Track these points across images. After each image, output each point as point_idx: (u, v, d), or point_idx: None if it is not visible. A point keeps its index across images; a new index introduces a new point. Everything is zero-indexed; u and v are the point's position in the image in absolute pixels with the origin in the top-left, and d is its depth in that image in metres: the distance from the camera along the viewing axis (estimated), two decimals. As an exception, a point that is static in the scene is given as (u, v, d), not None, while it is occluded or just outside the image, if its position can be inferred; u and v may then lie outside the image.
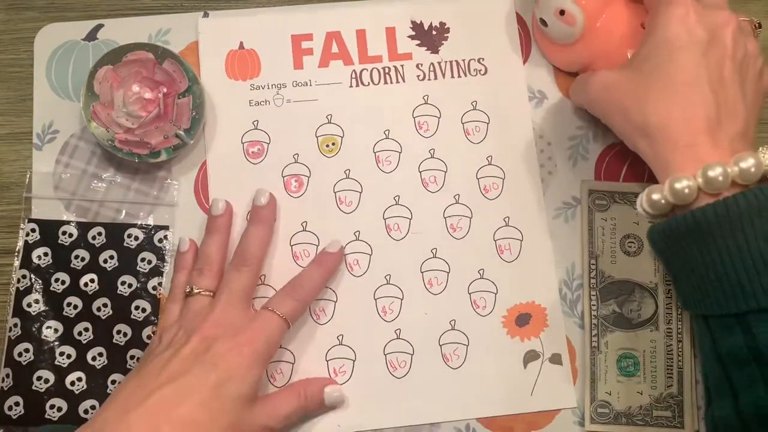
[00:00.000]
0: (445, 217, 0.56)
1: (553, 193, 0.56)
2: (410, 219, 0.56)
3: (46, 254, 0.54)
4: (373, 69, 0.58)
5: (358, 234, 0.55)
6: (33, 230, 0.54)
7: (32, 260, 0.54)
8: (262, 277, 0.54)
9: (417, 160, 0.57)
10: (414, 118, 0.58)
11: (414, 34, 0.59)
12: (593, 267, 0.55)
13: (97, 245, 0.54)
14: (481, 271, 0.55)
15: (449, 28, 0.59)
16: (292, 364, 0.53)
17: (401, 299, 0.54)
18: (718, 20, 0.47)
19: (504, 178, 0.56)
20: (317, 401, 0.51)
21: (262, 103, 0.57)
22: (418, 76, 0.58)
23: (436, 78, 0.58)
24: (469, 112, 0.58)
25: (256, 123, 0.57)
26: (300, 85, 0.58)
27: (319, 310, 0.54)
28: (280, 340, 0.50)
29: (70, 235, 0.54)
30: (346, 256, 0.55)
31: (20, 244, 0.54)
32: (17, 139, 0.57)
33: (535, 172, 0.57)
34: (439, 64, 0.59)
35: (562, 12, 0.53)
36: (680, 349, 0.53)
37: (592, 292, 0.54)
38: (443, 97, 0.58)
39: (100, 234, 0.55)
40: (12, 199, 0.56)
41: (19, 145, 0.57)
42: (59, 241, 0.54)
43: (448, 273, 0.55)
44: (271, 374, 0.53)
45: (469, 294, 0.54)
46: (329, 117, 0.57)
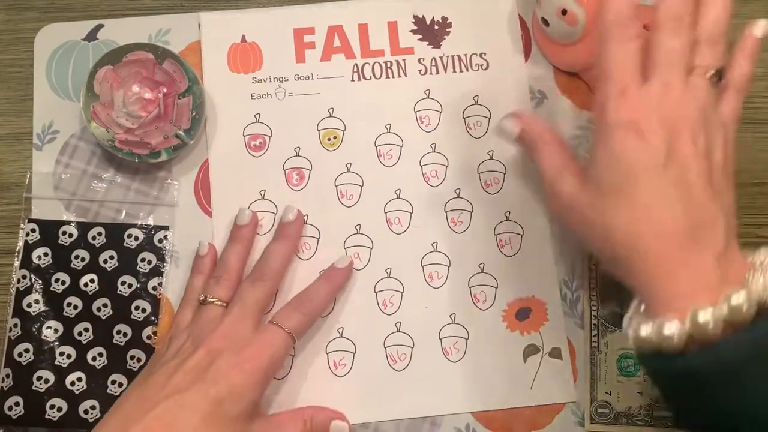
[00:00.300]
0: (446, 212, 0.56)
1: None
2: (411, 213, 0.56)
3: (46, 254, 0.54)
4: (375, 63, 0.58)
5: (359, 227, 0.55)
6: (33, 230, 0.54)
7: (32, 260, 0.54)
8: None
9: (418, 155, 0.57)
10: (415, 112, 0.58)
11: (416, 28, 0.59)
12: (593, 267, 0.55)
13: (97, 245, 0.54)
14: (482, 266, 0.55)
15: (451, 23, 0.59)
16: (292, 356, 0.53)
17: (401, 293, 0.54)
18: (673, 117, 0.42)
19: (505, 173, 0.57)
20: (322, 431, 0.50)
21: (264, 97, 0.57)
22: (420, 71, 0.58)
23: (437, 72, 0.58)
24: (471, 106, 0.58)
25: (257, 116, 0.57)
26: (302, 78, 0.58)
27: None
28: (285, 355, 0.49)
29: (70, 236, 0.54)
30: (346, 249, 0.55)
31: (20, 244, 0.54)
32: (17, 139, 0.57)
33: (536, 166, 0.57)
34: (441, 58, 0.59)
35: (564, 11, 0.53)
36: (680, 350, 0.53)
37: (592, 292, 0.54)
38: (445, 92, 0.58)
39: (100, 234, 0.55)
40: (12, 199, 0.56)
41: (19, 145, 0.57)
42: (59, 241, 0.54)
43: (449, 267, 0.55)
44: None
45: (470, 288, 0.55)
46: (331, 111, 0.57)
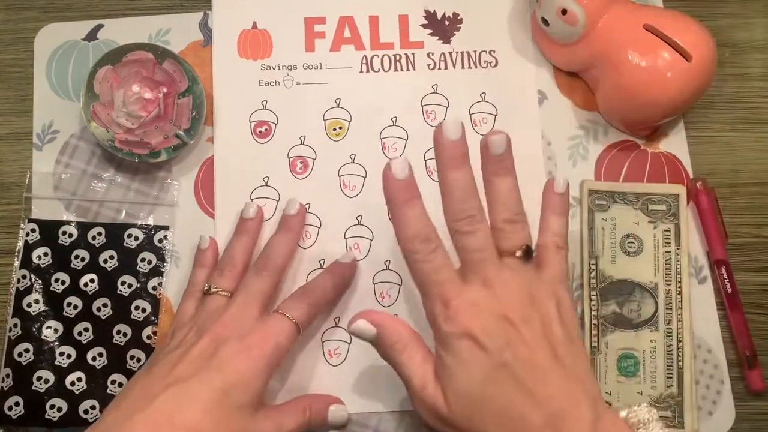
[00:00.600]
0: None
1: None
2: None
3: (46, 254, 0.54)
4: (384, 56, 0.58)
5: (360, 218, 0.55)
6: (33, 230, 0.54)
7: (32, 260, 0.54)
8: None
9: (423, 149, 0.57)
10: (422, 106, 0.58)
11: (427, 23, 0.59)
12: (593, 267, 0.55)
13: (97, 245, 0.54)
14: None
15: (462, 19, 0.59)
16: None
17: (400, 285, 0.55)
18: (501, 311, 0.42)
19: None
20: (321, 418, 0.50)
21: (272, 84, 0.58)
22: (429, 65, 0.58)
23: (446, 68, 0.58)
24: (478, 103, 0.58)
25: (264, 103, 0.57)
26: (310, 67, 0.58)
27: None
28: (290, 345, 0.48)
29: (70, 235, 0.54)
30: (347, 239, 0.55)
31: (20, 244, 0.54)
32: (17, 139, 0.57)
33: (540, 165, 0.57)
34: (450, 54, 0.59)
35: (564, 11, 0.53)
36: (680, 349, 0.53)
37: (592, 292, 0.54)
38: (452, 88, 0.58)
39: (100, 234, 0.55)
40: (12, 199, 0.56)
41: (19, 145, 0.57)
42: (59, 241, 0.54)
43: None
44: None
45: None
46: (338, 101, 0.57)
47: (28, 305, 0.53)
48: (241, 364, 0.45)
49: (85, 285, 0.54)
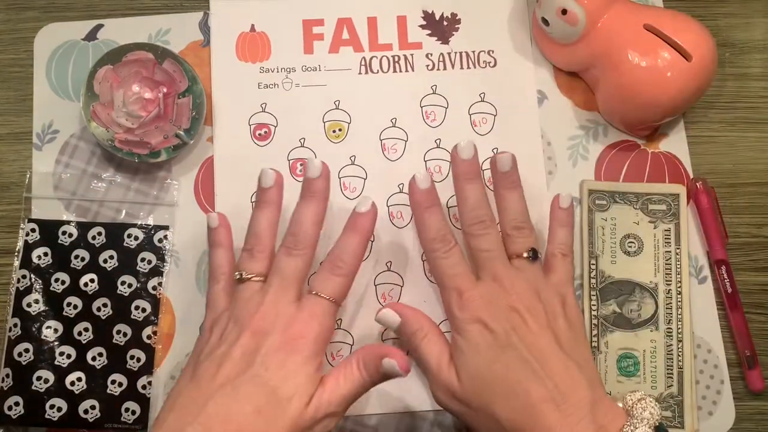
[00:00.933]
0: (448, 207, 0.56)
1: (554, 193, 0.56)
2: None
3: (46, 254, 0.54)
4: (382, 57, 0.59)
5: None
6: (33, 230, 0.54)
7: (32, 260, 0.54)
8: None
9: (423, 150, 0.57)
10: (421, 107, 0.58)
11: (425, 23, 0.59)
12: (593, 267, 0.55)
13: (97, 245, 0.54)
14: None
15: (460, 19, 0.59)
16: None
17: (401, 286, 0.55)
18: (509, 302, 0.47)
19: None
20: (376, 370, 0.46)
21: (271, 87, 0.58)
22: (428, 66, 0.58)
23: (445, 68, 0.59)
24: (477, 103, 0.58)
25: (264, 106, 0.57)
26: (309, 70, 0.58)
27: None
28: (333, 323, 0.47)
29: (70, 235, 0.54)
30: None
31: (20, 244, 0.54)
32: (17, 139, 0.57)
33: (540, 165, 0.57)
34: (449, 54, 0.59)
35: (564, 11, 0.53)
36: (680, 349, 0.53)
37: (592, 292, 0.54)
38: (451, 88, 0.58)
39: (100, 234, 0.55)
40: (12, 199, 0.56)
41: (19, 145, 0.57)
42: (59, 241, 0.54)
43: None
44: None
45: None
46: (337, 103, 0.57)
47: (28, 305, 0.53)
48: (287, 359, 0.44)
49: (85, 285, 0.54)
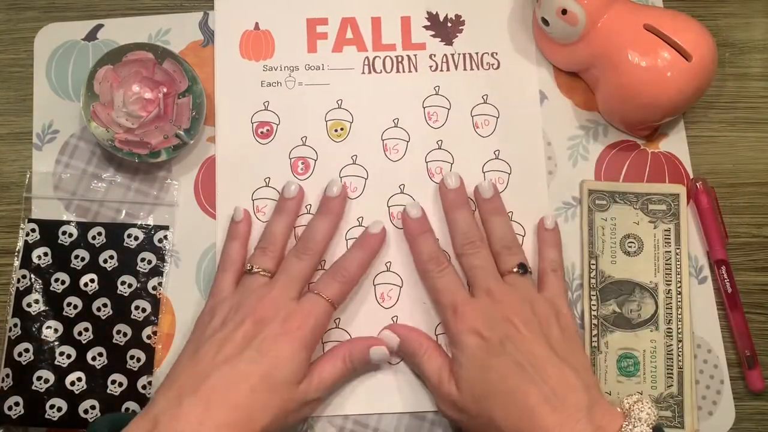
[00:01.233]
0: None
1: (553, 193, 0.56)
2: None
3: (46, 254, 0.54)
4: (386, 57, 0.59)
5: (361, 220, 0.55)
6: (33, 230, 0.54)
7: (32, 260, 0.54)
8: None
9: (424, 150, 0.57)
10: (424, 108, 0.58)
11: (429, 24, 0.59)
12: (593, 267, 0.55)
13: (97, 245, 0.54)
14: None
15: (464, 21, 0.59)
16: None
17: (400, 287, 0.55)
18: (503, 313, 0.49)
19: (510, 173, 0.57)
20: (363, 362, 0.51)
21: (274, 85, 0.58)
22: (431, 67, 0.58)
23: (448, 69, 0.59)
24: (480, 105, 0.58)
25: (266, 104, 0.57)
26: (312, 68, 0.58)
27: None
28: (327, 323, 0.51)
29: (70, 235, 0.54)
30: (347, 240, 0.55)
31: (20, 244, 0.54)
32: (17, 139, 0.57)
33: (542, 167, 0.57)
34: (452, 55, 0.59)
35: (564, 11, 0.53)
36: (680, 349, 0.53)
37: (592, 292, 0.54)
38: (454, 89, 0.58)
39: (100, 234, 0.55)
40: (12, 199, 0.56)
41: (19, 145, 0.57)
42: (59, 241, 0.54)
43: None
44: None
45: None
46: (339, 102, 0.57)
47: (28, 305, 0.53)
48: (283, 347, 0.48)
49: (85, 285, 0.54)
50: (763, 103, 0.59)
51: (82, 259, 0.54)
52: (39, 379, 0.52)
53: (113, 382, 0.52)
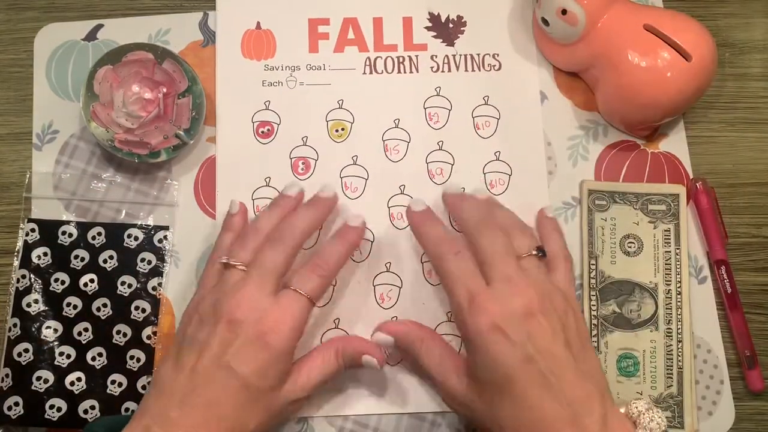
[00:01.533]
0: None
1: (553, 193, 0.56)
2: None
3: (45, 254, 0.54)
4: (387, 57, 0.59)
5: None
6: (33, 230, 0.54)
7: (32, 260, 0.54)
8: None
9: (425, 151, 0.57)
10: (425, 108, 0.58)
11: (431, 25, 0.59)
12: (593, 267, 0.55)
13: (97, 245, 0.54)
14: None
15: (466, 22, 0.59)
16: None
17: (400, 288, 0.54)
18: (524, 306, 0.45)
19: (510, 174, 0.57)
20: (354, 365, 0.50)
21: (275, 84, 0.58)
22: (432, 68, 0.58)
23: (449, 70, 0.59)
24: (481, 106, 0.58)
25: (267, 103, 0.57)
26: (314, 68, 0.58)
27: None
28: (306, 319, 0.48)
29: (70, 235, 0.54)
30: None
31: (20, 244, 0.54)
32: (17, 139, 0.57)
33: (542, 169, 0.57)
34: (454, 57, 0.59)
35: (564, 11, 0.53)
36: (680, 349, 0.53)
37: (592, 292, 0.54)
38: (455, 90, 0.58)
39: (99, 234, 0.55)
40: (12, 199, 0.56)
41: (19, 145, 0.57)
42: (59, 241, 0.54)
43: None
44: None
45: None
46: (340, 102, 0.57)
47: (28, 305, 0.53)
48: (259, 354, 0.46)
49: (85, 285, 0.54)
50: (763, 103, 0.59)
51: (82, 259, 0.54)
52: (39, 379, 0.52)
53: (113, 383, 0.52)
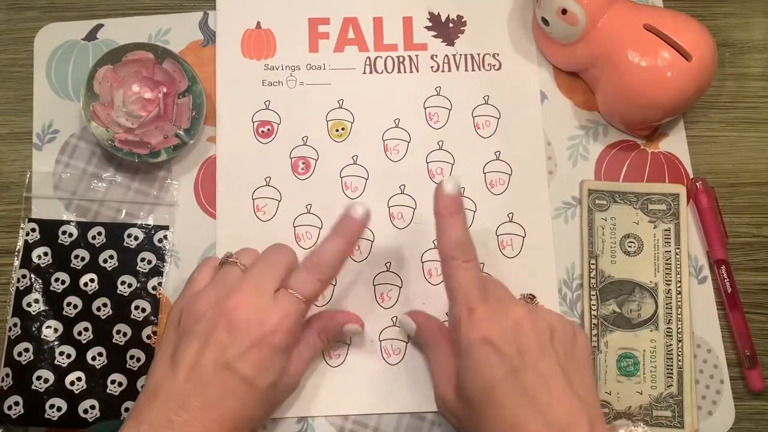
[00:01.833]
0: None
1: (553, 193, 0.56)
2: (414, 209, 0.56)
3: (46, 254, 0.54)
4: (387, 57, 0.59)
5: None
6: (33, 230, 0.54)
7: (32, 260, 0.54)
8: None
9: (425, 151, 0.57)
10: (425, 108, 0.58)
11: (431, 25, 0.59)
12: (593, 267, 0.55)
13: (97, 245, 0.54)
14: (482, 265, 0.55)
15: (466, 22, 0.59)
16: None
17: (400, 287, 0.55)
18: (512, 326, 0.45)
19: (510, 174, 0.57)
20: (337, 338, 0.52)
21: (275, 84, 0.58)
22: (432, 67, 0.59)
23: (449, 70, 0.59)
24: (481, 106, 0.58)
25: (267, 103, 0.57)
26: (314, 68, 0.58)
27: None
28: (303, 319, 0.48)
29: (70, 235, 0.54)
30: None
31: (20, 243, 0.54)
32: (17, 139, 0.57)
33: (542, 169, 0.57)
34: (454, 56, 0.59)
35: (564, 11, 0.53)
36: (680, 349, 0.53)
37: (592, 292, 0.54)
38: (455, 90, 0.58)
39: (100, 234, 0.55)
40: (12, 198, 0.56)
41: (19, 144, 0.57)
42: (59, 241, 0.54)
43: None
44: None
45: None
46: (341, 102, 0.58)
47: (28, 305, 0.53)
48: (260, 353, 0.46)
49: (85, 285, 0.54)
50: (763, 103, 0.59)
51: (82, 259, 0.54)
52: (39, 378, 0.52)
53: (113, 382, 0.52)
